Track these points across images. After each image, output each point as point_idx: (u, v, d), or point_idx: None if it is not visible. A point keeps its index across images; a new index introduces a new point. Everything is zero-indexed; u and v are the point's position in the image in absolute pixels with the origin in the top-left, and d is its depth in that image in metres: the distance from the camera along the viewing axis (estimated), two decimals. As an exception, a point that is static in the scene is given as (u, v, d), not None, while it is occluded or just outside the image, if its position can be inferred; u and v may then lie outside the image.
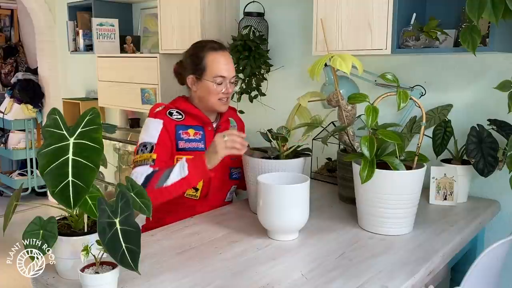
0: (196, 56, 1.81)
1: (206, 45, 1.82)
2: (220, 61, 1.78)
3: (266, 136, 1.78)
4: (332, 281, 1.21)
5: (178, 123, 1.79)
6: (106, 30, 3.45)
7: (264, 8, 2.64)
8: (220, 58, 1.79)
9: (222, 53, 1.80)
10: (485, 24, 1.73)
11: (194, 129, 1.82)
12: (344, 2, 1.94)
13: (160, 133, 1.74)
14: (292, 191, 1.45)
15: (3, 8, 5.52)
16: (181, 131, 1.79)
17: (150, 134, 1.75)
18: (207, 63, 1.78)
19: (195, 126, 1.82)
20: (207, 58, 1.78)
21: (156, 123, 1.77)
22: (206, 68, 1.78)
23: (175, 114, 1.81)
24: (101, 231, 1.06)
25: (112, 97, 3.45)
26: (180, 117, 1.81)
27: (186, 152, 1.77)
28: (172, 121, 1.78)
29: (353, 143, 1.78)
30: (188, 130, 1.80)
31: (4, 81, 5.28)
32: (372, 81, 2.05)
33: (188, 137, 1.79)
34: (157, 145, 1.73)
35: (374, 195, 1.51)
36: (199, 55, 1.80)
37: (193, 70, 1.81)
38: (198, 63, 1.79)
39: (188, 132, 1.80)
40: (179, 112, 1.82)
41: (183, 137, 1.79)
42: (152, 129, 1.76)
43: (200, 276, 1.24)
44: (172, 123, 1.78)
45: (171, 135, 1.76)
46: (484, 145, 1.78)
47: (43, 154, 1.11)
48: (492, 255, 1.40)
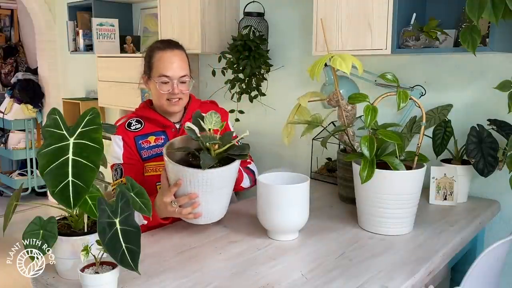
0: (147, 55, 1.79)
1: (156, 44, 1.79)
2: (164, 60, 1.71)
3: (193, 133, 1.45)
4: (332, 281, 1.21)
5: (137, 133, 1.76)
6: (106, 30, 3.45)
7: (264, 8, 2.63)
8: (164, 57, 1.72)
9: (169, 51, 1.73)
10: (485, 24, 1.73)
11: (154, 135, 1.77)
12: (344, 2, 1.94)
13: (123, 150, 1.73)
14: (292, 191, 1.45)
15: (3, 8, 5.52)
16: (141, 141, 1.75)
17: (115, 154, 1.75)
18: (153, 62, 1.74)
19: (156, 132, 1.78)
20: (154, 57, 1.74)
21: (117, 139, 1.75)
22: (152, 67, 1.74)
23: (133, 124, 1.77)
24: (101, 231, 1.06)
25: (112, 97, 3.45)
26: (139, 126, 1.77)
27: (152, 159, 1.74)
28: (130, 134, 1.75)
29: (353, 143, 1.78)
30: (148, 138, 1.76)
31: (4, 81, 5.28)
32: (372, 81, 2.05)
33: (149, 145, 1.75)
34: (124, 166, 1.72)
35: (374, 195, 1.51)
36: (149, 54, 1.77)
37: (145, 68, 1.79)
38: (148, 61, 1.77)
39: (148, 140, 1.76)
40: (138, 121, 1.79)
41: (143, 146, 1.75)
42: (115, 147, 1.75)
43: (200, 276, 1.24)
44: (130, 136, 1.75)
45: (133, 148, 1.74)
46: (484, 145, 1.78)
47: (43, 154, 1.11)
48: (492, 255, 1.41)
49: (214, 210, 1.49)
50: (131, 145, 1.75)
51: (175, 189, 1.42)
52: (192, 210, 1.44)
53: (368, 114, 1.49)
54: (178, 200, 1.43)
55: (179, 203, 1.43)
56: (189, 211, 1.44)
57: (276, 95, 2.68)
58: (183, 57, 1.77)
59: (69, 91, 4.37)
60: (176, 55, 1.74)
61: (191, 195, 1.41)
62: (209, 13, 2.65)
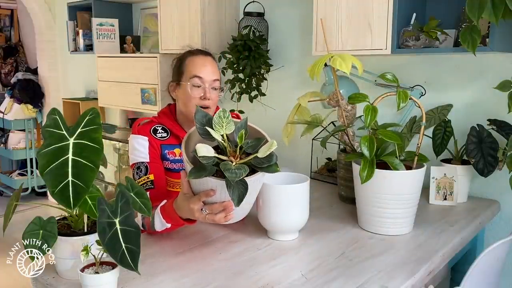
0: (177, 62, 1.75)
1: (188, 51, 1.75)
2: (197, 62, 1.68)
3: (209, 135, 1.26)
4: (332, 281, 1.21)
5: (163, 142, 1.70)
6: (106, 30, 3.45)
7: (264, 8, 2.64)
8: (197, 60, 1.69)
9: (201, 56, 1.71)
10: (485, 24, 1.73)
11: (180, 148, 1.63)
12: (344, 2, 1.94)
13: (149, 150, 1.65)
14: (292, 191, 1.45)
15: (3, 8, 5.52)
16: (166, 151, 1.69)
17: (139, 153, 1.66)
18: (185, 66, 1.70)
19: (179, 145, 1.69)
20: (185, 61, 1.71)
21: (141, 139, 1.67)
22: (184, 70, 1.69)
23: (160, 132, 1.71)
24: (101, 231, 1.06)
25: (112, 97, 3.45)
26: (165, 135, 1.71)
27: (173, 173, 1.69)
28: (157, 140, 1.68)
29: (353, 143, 1.78)
30: (174, 149, 1.70)
31: (4, 81, 5.28)
32: (372, 81, 2.05)
33: (174, 157, 1.69)
34: (150, 164, 1.64)
35: (374, 195, 1.51)
36: (179, 60, 1.74)
37: (174, 76, 1.75)
38: (178, 67, 1.73)
39: (174, 152, 1.70)
40: (164, 129, 1.72)
41: (169, 157, 1.69)
42: (140, 146, 1.66)
43: (200, 276, 1.24)
44: (157, 143, 1.68)
45: (158, 155, 1.67)
46: (484, 145, 1.78)
47: (43, 154, 1.11)
48: (492, 255, 1.41)
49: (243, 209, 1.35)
50: (158, 151, 1.67)
51: (205, 199, 1.27)
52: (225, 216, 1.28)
53: (368, 114, 1.49)
54: (211, 208, 1.27)
55: (213, 211, 1.27)
56: (222, 217, 1.28)
57: (276, 95, 2.68)
58: (215, 64, 1.74)
59: (69, 91, 4.37)
60: (208, 60, 1.71)
61: (226, 204, 1.26)
62: (209, 13, 2.65)
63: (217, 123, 1.22)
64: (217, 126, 1.22)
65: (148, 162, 1.64)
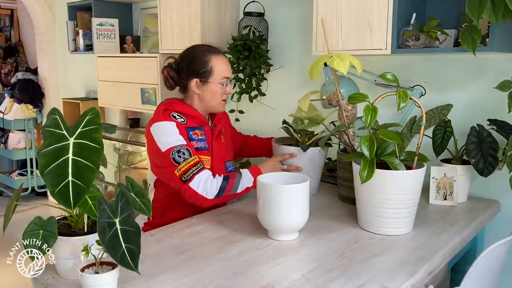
0: (199, 61, 1.82)
1: (206, 49, 1.86)
2: (224, 63, 1.86)
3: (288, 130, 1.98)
4: (332, 281, 1.21)
5: (186, 125, 1.79)
6: (106, 30, 3.45)
7: (264, 8, 2.63)
8: (223, 60, 1.86)
9: (221, 55, 1.88)
10: (485, 24, 1.73)
11: (199, 130, 1.84)
12: (344, 2, 1.94)
13: (180, 132, 1.73)
14: (292, 191, 1.45)
15: (3, 8, 5.52)
16: (191, 132, 1.80)
17: (174, 137, 1.71)
18: (213, 67, 1.81)
19: (198, 127, 1.84)
20: (212, 61, 1.82)
21: (169, 124, 1.74)
22: (213, 71, 1.81)
23: (178, 116, 1.80)
24: (101, 231, 1.06)
25: (112, 97, 3.45)
26: (183, 120, 1.80)
27: (199, 151, 1.77)
28: (180, 124, 1.77)
29: (353, 143, 1.78)
30: (196, 130, 1.83)
31: (4, 81, 5.28)
32: (372, 81, 2.05)
33: (198, 137, 1.82)
34: (188, 146, 1.71)
35: (374, 195, 1.51)
36: (203, 60, 1.82)
37: (197, 74, 1.82)
38: (203, 67, 1.81)
39: (196, 133, 1.82)
40: (179, 115, 1.81)
41: (194, 137, 1.80)
42: (173, 131, 1.72)
43: (200, 276, 1.24)
44: (182, 125, 1.77)
45: (185, 136, 1.75)
46: (484, 145, 1.78)
47: (43, 154, 1.11)
48: (492, 255, 1.41)
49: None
50: (184, 133, 1.75)
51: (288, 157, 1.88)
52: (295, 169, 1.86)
53: (368, 114, 1.49)
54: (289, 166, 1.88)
55: (289, 168, 1.88)
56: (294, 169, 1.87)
57: (276, 95, 2.68)
58: None
59: (69, 91, 4.37)
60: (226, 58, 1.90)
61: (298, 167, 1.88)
62: (209, 13, 2.65)
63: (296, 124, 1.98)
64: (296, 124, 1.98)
65: (186, 144, 1.72)
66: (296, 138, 1.96)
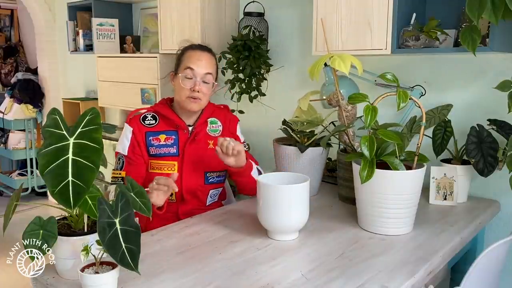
0: (179, 54, 1.88)
1: (190, 45, 1.88)
2: (193, 56, 1.82)
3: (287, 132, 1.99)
4: (332, 281, 1.21)
5: (149, 129, 1.83)
6: (106, 30, 3.45)
7: (264, 8, 2.63)
8: (194, 53, 1.83)
9: (199, 51, 1.84)
10: (485, 24, 1.73)
11: (165, 134, 1.83)
12: (344, 2, 1.94)
13: (130, 142, 1.81)
14: (292, 191, 1.45)
15: (3, 8, 5.52)
16: (151, 137, 1.82)
17: (122, 144, 1.82)
18: (182, 59, 1.84)
19: (168, 131, 1.84)
20: (184, 54, 1.84)
21: (127, 130, 1.83)
22: (181, 62, 1.84)
23: (148, 119, 1.85)
24: (101, 231, 1.06)
25: (112, 97, 3.45)
26: (153, 122, 1.84)
27: (158, 158, 1.82)
28: (142, 128, 1.82)
29: (353, 143, 1.78)
30: (159, 136, 1.83)
31: (4, 81, 5.28)
32: (372, 81, 2.05)
33: (158, 143, 1.82)
34: (126, 159, 1.80)
35: (374, 195, 1.51)
36: (181, 53, 1.87)
37: (175, 67, 1.88)
38: (177, 60, 1.87)
39: (158, 138, 1.82)
40: (154, 116, 1.86)
41: (153, 143, 1.82)
42: (124, 138, 1.83)
43: (200, 276, 1.24)
44: (142, 130, 1.82)
45: (141, 142, 1.81)
46: (484, 145, 1.78)
47: (43, 154, 1.11)
48: (492, 255, 1.41)
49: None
50: (141, 139, 1.82)
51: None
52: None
53: (368, 114, 1.49)
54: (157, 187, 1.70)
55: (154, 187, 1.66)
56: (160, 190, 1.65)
57: (276, 95, 2.68)
58: (212, 59, 1.87)
59: (69, 91, 4.37)
60: (205, 55, 1.84)
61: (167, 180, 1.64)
62: (209, 13, 2.65)
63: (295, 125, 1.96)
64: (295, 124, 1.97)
65: (125, 156, 1.81)
66: (295, 139, 1.96)
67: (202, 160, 1.84)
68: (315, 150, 1.91)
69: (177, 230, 1.59)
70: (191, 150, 1.83)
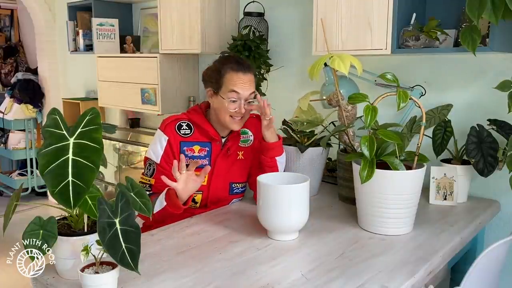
0: (218, 71, 1.78)
1: (229, 63, 1.78)
2: (236, 80, 1.74)
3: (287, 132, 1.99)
4: (332, 281, 1.21)
5: (184, 139, 1.80)
6: (106, 30, 3.45)
7: (264, 8, 2.63)
8: (237, 77, 1.75)
9: (242, 74, 1.76)
10: (485, 24, 1.73)
11: (199, 145, 1.81)
12: (344, 2, 1.94)
13: (164, 151, 1.78)
14: (292, 191, 1.45)
15: (3, 8, 5.52)
16: (185, 148, 1.79)
17: (156, 151, 1.79)
18: (224, 81, 1.75)
19: (202, 143, 1.82)
20: (226, 76, 1.75)
21: (162, 138, 1.79)
22: (223, 84, 1.75)
23: (184, 128, 1.81)
24: (101, 231, 1.06)
25: (112, 97, 3.45)
26: (188, 132, 1.81)
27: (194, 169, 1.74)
28: (178, 138, 1.79)
29: (353, 143, 1.78)
30: (193, 146, 1.81)
31: (4, 81, 5.28)
32: (372, 81, 2.05)
33: (192, 154, 1.80)
34: (158, 167, 1.77)
35: (374, 195, 1.51)
36: (220, 71, 1.77)
37: (212, 83, 1.79)
38: (218, 78, 1.77)
39: (193, 149, 1.80)
40: (189, 125, 1.82)
41: (187, 153, 1.79)
42: (157, 145, 1.79)
43: (200, 276, 1.24)
44: (177, 140, 1.79)
45: (176, 151, 1.78)
46: (484, 145, 1.78)
47: (43, 154, 1.11)
48: (492, 255, 1.40)
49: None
50: (176, 149, 1.78)
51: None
52: None
53: (368, 114, 1.49)
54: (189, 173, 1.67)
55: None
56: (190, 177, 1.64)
57: (276, 95, 2.67)
58: (253, 77, 1.82)
59: (69, 91, 4.37)
60: (248, 77, 1.78)
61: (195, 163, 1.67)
62: (209, 13, 2.65)
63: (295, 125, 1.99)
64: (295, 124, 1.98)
65: (158, 164, 1.78)
66: (295, 139, 1.96)
67: (232, 172, 1.86)
68: (315, 150, 1.90)
69: (177, 230, 1.59)
70: (222, 163, 1.83)
